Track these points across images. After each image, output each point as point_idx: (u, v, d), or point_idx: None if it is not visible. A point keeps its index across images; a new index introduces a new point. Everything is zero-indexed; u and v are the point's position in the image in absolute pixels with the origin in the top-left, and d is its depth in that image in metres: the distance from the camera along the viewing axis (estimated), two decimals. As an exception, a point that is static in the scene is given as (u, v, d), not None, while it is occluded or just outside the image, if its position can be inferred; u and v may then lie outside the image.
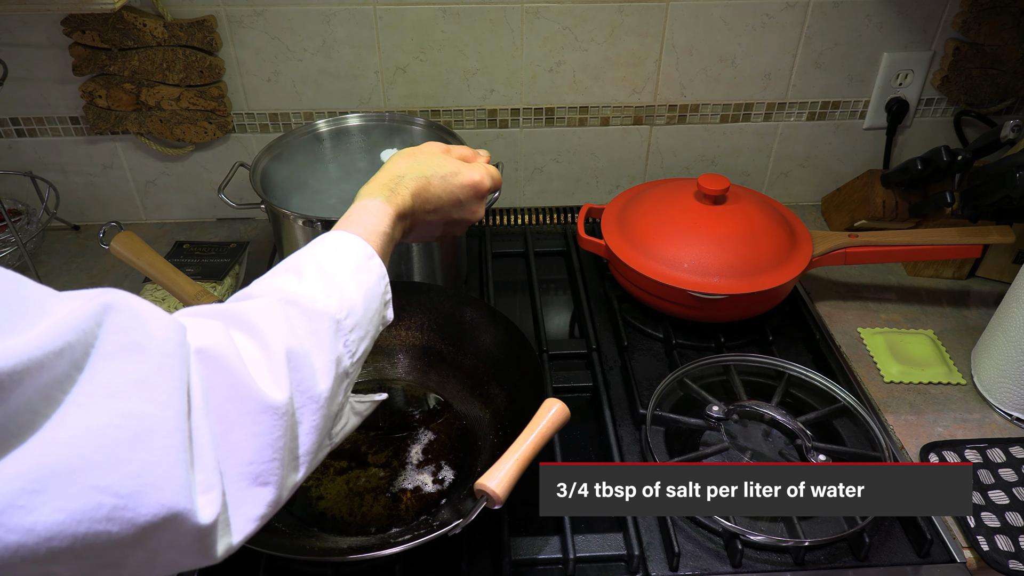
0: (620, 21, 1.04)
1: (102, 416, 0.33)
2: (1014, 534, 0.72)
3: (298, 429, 0.46)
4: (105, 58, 1.00)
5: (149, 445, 0.35)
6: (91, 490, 0.33)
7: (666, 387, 0.85)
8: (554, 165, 1.18)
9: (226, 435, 0.41)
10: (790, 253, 0.95)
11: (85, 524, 0.32)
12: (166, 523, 0.35)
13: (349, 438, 0.80)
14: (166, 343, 0.38)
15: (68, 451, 0.32)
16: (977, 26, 1.05)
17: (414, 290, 0.89)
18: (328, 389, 0.48)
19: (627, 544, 0.71)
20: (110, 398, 0.34)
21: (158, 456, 0.35)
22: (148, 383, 0.36)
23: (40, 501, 0.31)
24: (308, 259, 0.54)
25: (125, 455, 0.34)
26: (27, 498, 0.31)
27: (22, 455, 0.31)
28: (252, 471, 0.42)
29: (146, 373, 0.36)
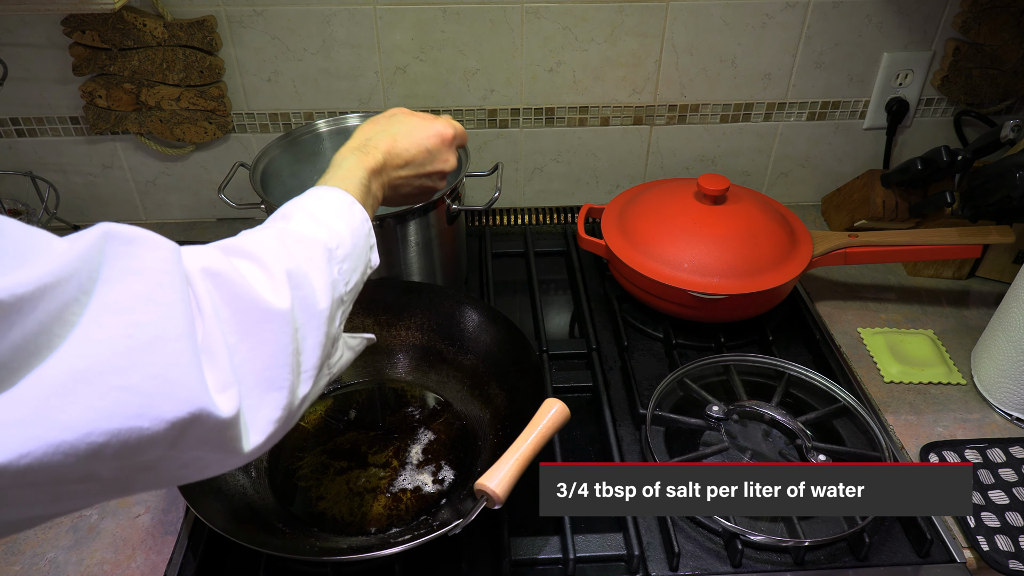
0: (620, 21, 1.04)
1: (113, 329, 0.36)
2: (1014, 534, 0.72)
3: (305, 343, 0.49)
4: (105, 58, 1.00)
5: (162, 350, 0.37)
6: (116, 390, 0.35)
7: (666, 387, 0.85)
8: (554, 165, 1.18)
9: (240, 344, 0.43)
10: (790, 253, 0.95)
11: (117, 420, 0.35)
12: (192, 420, 0.38)
13: (349, 438, 0.80)
14: (164, 262, 0.40)
15: (87, 360, 0.35)
16: (977, 26, 1.05)
17: (414, 290, 0.89)
18: (328, 308, 0.51)
19: (627, 544, 0.71)
20: (119, 314, 0.36)
21: (172, 359, 0.38)
22: (151, 298, 0.39)
23: (71, 401, 0.34)
24: (294, 207, 0.58)
25: (142, 359, 0.36)
26: (58, 400, 0.33)
27: (45, 369, 0.33)
28: (267, 376, 0.45)
29: (149, 290, 0.39)
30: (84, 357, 0.35)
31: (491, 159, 1.15)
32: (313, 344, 0.49)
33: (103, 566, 0.70)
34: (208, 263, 0.44)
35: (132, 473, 0.38)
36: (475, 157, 1.14)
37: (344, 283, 0.55)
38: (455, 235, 0.98)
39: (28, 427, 0.33)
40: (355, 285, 0.57)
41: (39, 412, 0.33)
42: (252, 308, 0.45)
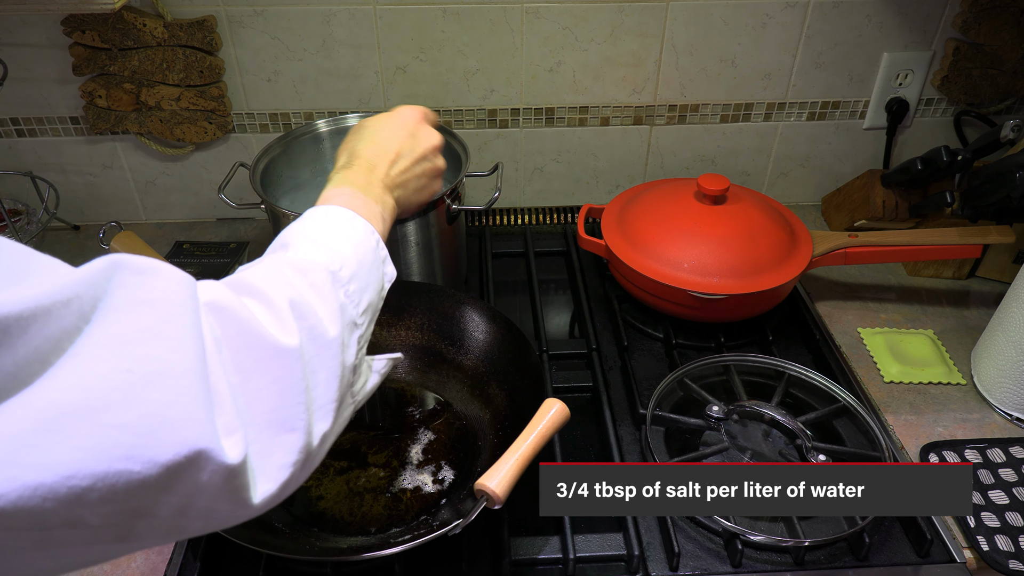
0: (620, 21, 1.04)
1: (112, 362, 0.33)
2: (1014, 534, 0.72)
3: (317, 376, 0.46)
4: (105, 58, 1.00)
5: (163, 386, 0.35)
6: (107, 428, 0.32)
7: (666, 387, 0.85)
8: (554, 165, 1.18)
9: (244, 385, 0.40)
10: (790, 253, 0.95)
11: (104, 462, 0.32)
12: (190, 463, 0.35)
13: (349, 438, 0.80)
14: (176, 294, 0.38)
15: (80, 394, 0.32)
16: (977, 26, 1.05)
17: (414, 290, 0.89)
18: (339, 336, 0.48)
19: (627, 544, 0.71)
20: (120, 346, 0.34)
21: (173, 396, 0.35)
22: (158, 331, 0.36)
23: (55, 440, 0.31)
24: (291, 232, 0.55)
25: (139, 396, 0.33)
26: (41, 437, 0.30)
27: (33, 398, 0.31)
28: (276, 418, 0.42)
29: (156, 322, 0.36)
30: (75, 389, 0.32)
31: (491, 159, 1.15)
32: (327, 377, 0.46)
33: (103, 566, 0.70)
34: (214, 297, 0.42)
35: (125, 520, 0.35)
36: (475, 157, 1.14)
37: (355, 305, 0.52)
38: (455, 235, 0.98)
39: (3, 467, 0.30)
40: (369, 305, 0.54)
41: (18, 450, 0.30)
42: (257, 345, 0.42)
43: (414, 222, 0.89)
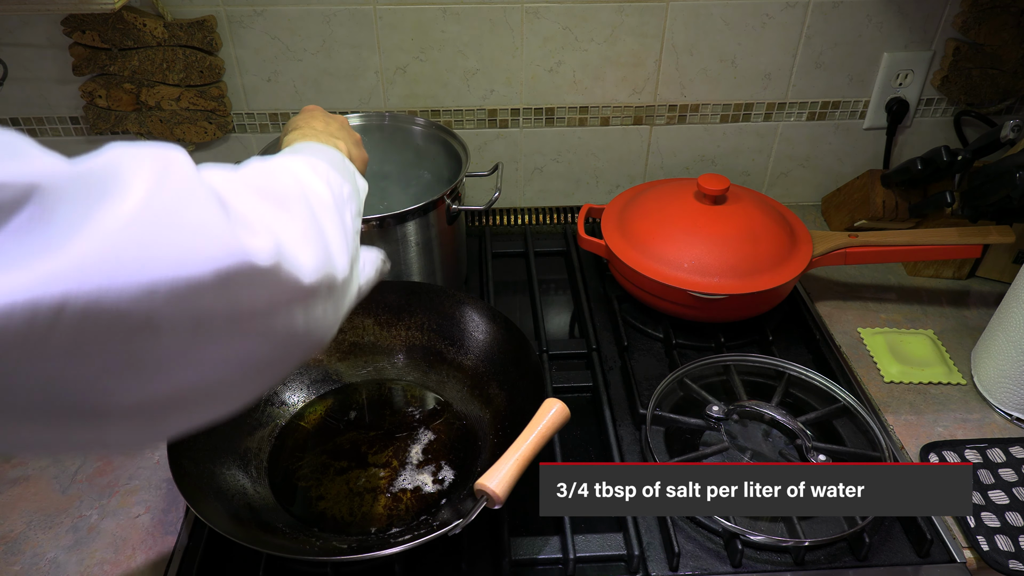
0: (620, 21, 1.04)
1: (148, 205, 0.37)
2: (1014, 534, 0.72)
3: (327, 221, 0.50)
4: (105, 58, 1.00)
5: (194, 210, 0.38)
6: (158, 242, 0.36)
7: (666, 387, 0.85)
8: (554, 165, 1.18)
9: (269, 211, 0.45)
10: (790, 253, 0.95)
11: (164, 266, 0.36)
12: (235, 266, 0.38)
13: (349, 438, 0.80)
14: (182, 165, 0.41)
15: (131, 221, 0.36)
16: (977, 26, 1.05)
17: (414, 290, 0.89)
18: (332, 200, 0.53)
19: (627, 544, 0.71)
20: (148, 198, 0.37)
21: (203, 217, 0.39)
22: (176, 186, 0.39)
23: (122, 248, 0.35)
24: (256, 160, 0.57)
25: (177, 220, 0.38)
26: (107, 251, 0.34)
27: (100, 218, 0.35)
28: (299, 231, 0.47)
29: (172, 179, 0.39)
30: (124, 219, 0.35)
31: (491, 159, 1.15)
32: (335, 224, 0.51)
33: (103, 566, 0.70)
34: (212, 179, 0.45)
35: (189, 329, 0.38)
36: (475, 157, 1.14)
37: (338, 186, 0.56)
38: (455, 235, 0.98)
39: (78, 271, 0.33)
40: (349, 194, 0.57)
41: (92, 259, 0.34)
42: (269, 187, 0.47)
43: (414, 222, 0.89)
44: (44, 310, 0.32)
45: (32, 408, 0.37)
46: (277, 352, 0.45)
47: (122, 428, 0.40)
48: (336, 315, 0.50)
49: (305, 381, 0.86)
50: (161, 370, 0.39)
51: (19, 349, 0.33)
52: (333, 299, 0.49)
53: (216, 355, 0.41)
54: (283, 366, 0.48)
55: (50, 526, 0.73)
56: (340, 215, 0.53)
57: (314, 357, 0.87)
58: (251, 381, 0.46)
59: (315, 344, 0.48)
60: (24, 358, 0.33)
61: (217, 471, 0.72)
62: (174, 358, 0.39)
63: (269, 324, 0.43)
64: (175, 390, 0.40)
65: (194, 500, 0.65)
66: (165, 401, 0.41)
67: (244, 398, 0.46)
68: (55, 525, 0.73)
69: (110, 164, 0.38)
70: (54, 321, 0.33)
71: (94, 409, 0.38)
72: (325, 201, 0.52)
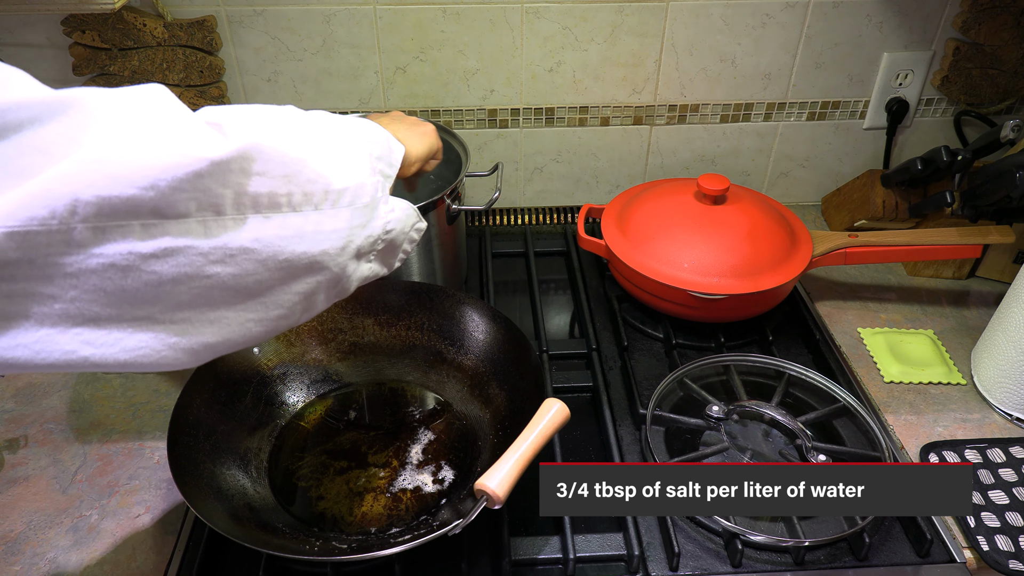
0: (620, 21, 1.04)
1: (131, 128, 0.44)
2: (1014, 534, 0.72)
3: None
4: (105, 58, 1.00)
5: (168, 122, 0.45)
6: (147, 148, 0.42)
7: (666, 387, 0.85)
8: (554, 165, 1.18)
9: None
10: (790, 253, 0.95)
11: (160, 161, 0.42)
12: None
13: (349, 438, 0.80)
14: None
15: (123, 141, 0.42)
16: (977, 26, 1.05)
17: (414, 290, 0.89)
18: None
19: (627, 544, 0.71)
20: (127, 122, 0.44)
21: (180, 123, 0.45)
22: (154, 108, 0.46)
23: (121, 150, 0.42)
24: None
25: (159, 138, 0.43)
26: (104, 154, 0.41)
27: (88, 145, 0.41)
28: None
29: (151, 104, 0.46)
30: (115, 142, 0.41)
31: (491, 159, 1.15)
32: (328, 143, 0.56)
33: (103, 566, 0.70)
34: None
35: (194, 209, 0.43)
36: (475, 157, 1.14)
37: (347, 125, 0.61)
38: (455, 235, 0.98)
39: (92, 166, 0.40)
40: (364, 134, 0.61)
41: (97, 161, 0.40)
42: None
43: (414, 222, 0.89)
44: (60, 208, 0.38)
45: (81, 309, 0.42)
46: (288, 253, 0.49)
47: (162, 339, 0.45)
48: (343, 230, 0.53)
49: (305, 381, 0.86)
50: (190, 264, 0.44)
51: (53, 248, 0.39)
52: (334, 210, 0.52)
53: (230, 249, 0.46)
54: (303, 277, 0.51)
55: (50, 526, 0.73)
56: (342, 139, 0.56)
57: (314, 357, 0.87)
58: (274, 293, 0.50)
59: (327, 257, 0.52)
60: (59, 254, 0.39)
61: (217, 471, 0.72)
62: (193, 253, 0.44)
63: (270, 220, 0.48)
64: (209, 286, 0.46)
65: (194, 500, 0.65)
66: (198, 305, 0.46)
67: (270, 316, 0.50)
68: (55, 525, 0.73)
69: (96, 96, 0.43)
70: (70, 216, 0.39)
71: (136, 310, 0.44)
72: (319, 123, 0.56)
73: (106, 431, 0.83)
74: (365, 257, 0.57)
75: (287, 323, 0.53)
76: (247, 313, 0.49)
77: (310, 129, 0.54)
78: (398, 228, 0.60)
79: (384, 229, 0.58)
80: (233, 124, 0.47)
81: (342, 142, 0.56)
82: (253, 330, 0.50)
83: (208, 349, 0.48)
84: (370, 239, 0.56)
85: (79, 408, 0.86)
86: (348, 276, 0.56)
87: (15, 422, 0.84)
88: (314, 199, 0.50)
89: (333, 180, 0.52)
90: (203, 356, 0.49)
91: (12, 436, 0.83)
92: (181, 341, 0.46)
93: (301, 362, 0.86)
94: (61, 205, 0.38)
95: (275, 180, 0.48)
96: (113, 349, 0.44)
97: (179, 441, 0.70)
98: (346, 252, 0.54)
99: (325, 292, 0.55)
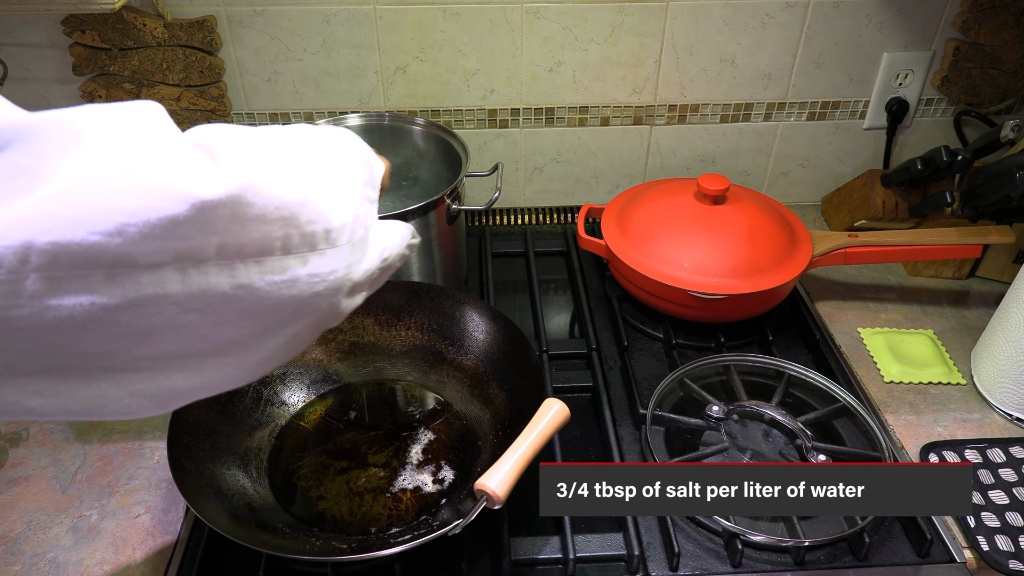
0: (620, 21, 1.04)
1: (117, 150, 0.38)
2: (1014, 534, 0.72)
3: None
4: (105, 58, 1.00)
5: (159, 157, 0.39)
6: (131, 184, 0.37)
7: (666, 387, 0.85)
8: (554, 165, 1.18)
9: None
10: (790, 253, 0.95)
11: (135, 203, 0.36)
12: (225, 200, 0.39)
13: (349, 438, 0.80)
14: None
15: (98, 169, 0.37)
16: (977, 26, 1.05)
17: (414, 290, 0.89)
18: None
19: (627, 544, 0.71)
20: (116, 144, 0.39)
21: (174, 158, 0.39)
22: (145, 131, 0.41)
23: (92, 194, 0.36)
24: None
25: (143, 168, 0.38)
26: (76, 194, 0.36)
27: (59, 176, 0.35)
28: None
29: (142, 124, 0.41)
30: (93, 168, 0.36)
31: (491, 159, 1.15)
32: (325, 176, 0.50)
33: (103, 566, 0.70)
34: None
35: (173, 259, 0.38)
36: (475, 157, 1.14)
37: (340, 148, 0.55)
38: (455, 235, 0.98)
39: (51, 214, 0.34)
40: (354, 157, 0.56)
41: (60, 203, 0.35)
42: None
43: (414, 222, 0.89)
44: (8, 257, 0.33)
45: (29, 362, 0.37)
46: (276, 299, 0.43)
47: (123, 385, 0.40)
48: (340, 270, 0.47)
49: (305, 381, 0.86)
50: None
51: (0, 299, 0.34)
52: (333, 251, 0.47)
53: (210, 298, 0.40)
54: (290, 323, 0.45)
55: (50, 526, 0.73)
56: (338, 169, 0.51)
57: (314, 357, 0.87)
58: (257, 339, 0.44)
59: (319, 299, 0.46)
60: (6, 307, 0.34)
61: (217, 471, 0.72)
62: (167, 303, 0.38)
63: (263, 265, 0.42)
64: (181, 336, 0.40)
65: (194, 500, 0.65)
66: (167, 353, 0.40)
67: (251, 359, 0.45)
68: (55, 525, 0.73)
69: (76, 117, 0.38)
70: (21, 266, 0.34)
71: (94, 360, 0.38)
72: (319, 149, 0.51)
73: (106, 431, 0.83)
74: (359, 289, 0.52)
75: (270, 366, 0.48)
76: (225, 358, 0.44)
77: (307, 158, 0.49)
78: (394, 254, 0.57)
79: (381, 259, 0.54)
80: (225, 152, 0.42)
81: (338, 171, 0.51)
82: (232, 374, 0.45)
83: (177, 396, 0.43)
84: (368, 273, 0.52)
85: (79, 408, 0.86)
86: (340, 312, 0.51)
87: (15, 422, 0.84)
88: (313, 240, 0.45)
89: (334, 217, 0.47)
90: (171, 404, 0.44)
91: (13, 432, 0.83)
92: (146, 388, 0.41)
93: (301, 362, 0.86)
94: (11, 253, 0.33)
95: (271, 225, 0.42)
96: (63, 399, 0.39)
97: (179, 441, 0.70)
98: (341, 291, 0.49)
99: (312, 331, 0.50)
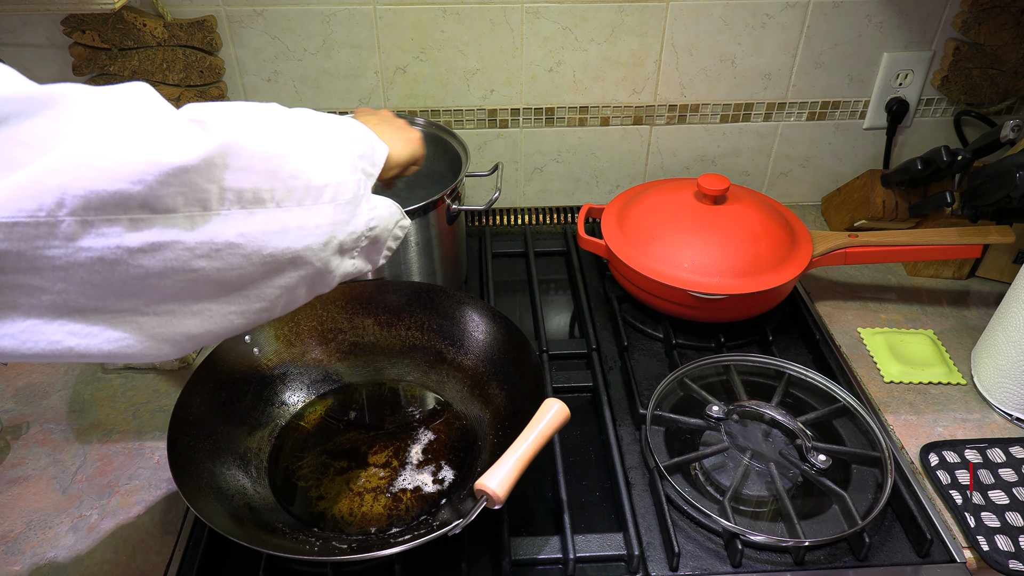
0: (620, 21, 1.04)
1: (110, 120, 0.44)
2: (1014, 534, 0.72)
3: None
4: (105, 58, 1.00)
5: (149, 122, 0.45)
6: (128, 143, 0.43)
7: (666, 387, 0.85)
8: (554, 165, 1.18)
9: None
10: (790, 253, 0.95)
11: (142, 158, 0.42)
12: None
13: (349, 438, 0.80)
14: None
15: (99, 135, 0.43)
16: (977, 26, 1.05)
17: (414, 290, 0.89)
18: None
19: (627, 544, 0.71)
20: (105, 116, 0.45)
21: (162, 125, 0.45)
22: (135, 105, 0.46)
23: (106, 144, 0.43)
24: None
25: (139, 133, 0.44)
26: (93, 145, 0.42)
27: (65, 145, 0.41)
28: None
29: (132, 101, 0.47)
30: (91, 140, 0.41)
31: (491, 159, 1.15)
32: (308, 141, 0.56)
33: (103, 566, 0.70)
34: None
35: (181, 204, 0.44)
36: (475, 157, 1.14)
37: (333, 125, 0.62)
38: (455, 235, 0.98)
39: (77, 166, 0.40)
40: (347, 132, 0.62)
41: (84, 154, 0.41)
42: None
43: (414, 222, 0.89)
44: (48, 200, 0.39)
45: (67, 301, 0.42)
46: (272, 248, 0.50)
47: (145, 329, 0.46)
48: (325, 226, 0.54)
49: (305, 381, 0.86)
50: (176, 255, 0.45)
51: (41, 240, 0.39)
52: (316, 206, 0.53)
53: (216, 244, 0.46)
54: (285, 271, 0.52)
55: (50, 526, 0.73)
56: (324, 138, 0.57)
57: (314, 357, 0.87)
58: (257, 286, 0.51)
59: (309, 252, 0.53)
60: (47, 247, 0.40)
61: (217, 471, 0.72)
62: (180, 248, 0.45)
63: (256, 215, 0.48)
64: (193, 280, 0.46)
65: (194, 500, 0.65)
66: (182, 298, 0.47)
67: (252, 308, 0.51)
68: (55, 525, 0.73)
69: (88, 89, 0.45)
70: (57, 208, 0.39)
71: (120, 303, 0.44)
72: (302, 121, 0.57)
73: (106, 431, 0.83)
74: (348, 253, 0.58)
75: (268, 315, 0.54)
76: (230, 306, 0.50)
77: (291, 126, 0.56)
78: (382, 225, 0.61)
79: (368, 226, 0.59)
80: (216, 121, 0.48)
81: (323, 139, 0.57)
82: (235, 322, 0.51)
83: (191, 340, 0.49)
84: (353, 235, 0.57)
85: (79, 408, 0.86)
86: (331, 271, 0.57)
87: (15, 422, 0.84)
88: (296, 195, 0.51)
89: (314, 176, 0.53)
90: (186, 347, 0.50)
91: (15, 424, 0.83)
92: (164, 332, 0.47)
93: (301, 362, 0.86)
94: (49, 198, 0.39)
95: (258, 176, 0.49)
96: (97, 340, 0.45)
97: (179, 441, 0.70)
98: (329, 247, 0.55)
99: (307, 286, 0.56)
